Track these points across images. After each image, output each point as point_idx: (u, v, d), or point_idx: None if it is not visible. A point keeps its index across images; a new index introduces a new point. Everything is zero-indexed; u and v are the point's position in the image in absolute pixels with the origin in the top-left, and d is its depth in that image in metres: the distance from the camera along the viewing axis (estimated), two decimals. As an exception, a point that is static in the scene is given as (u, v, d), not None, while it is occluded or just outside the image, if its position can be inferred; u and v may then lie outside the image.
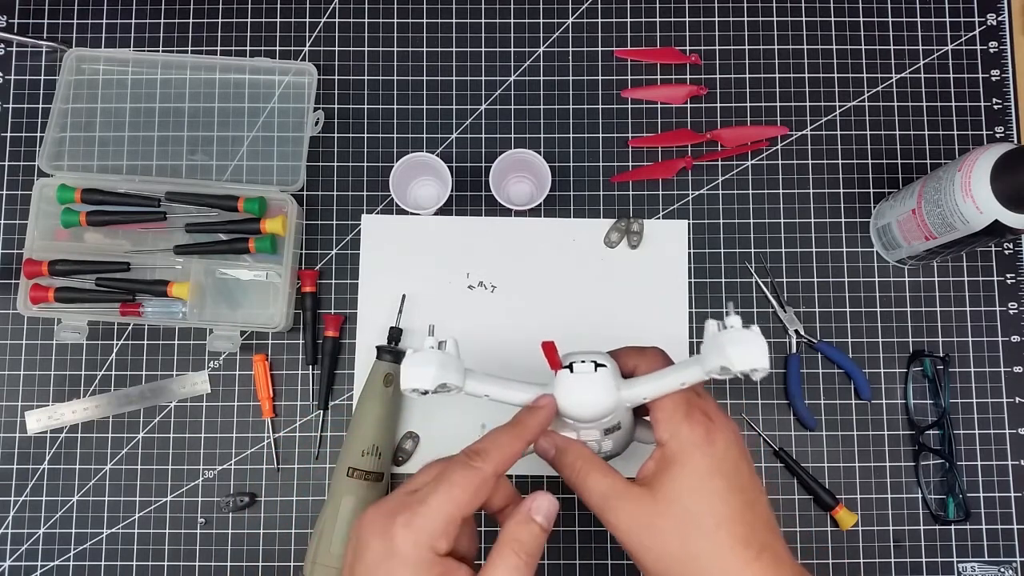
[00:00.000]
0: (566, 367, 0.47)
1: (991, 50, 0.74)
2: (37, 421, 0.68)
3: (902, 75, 0.73)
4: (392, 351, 0.65)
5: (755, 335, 0.44)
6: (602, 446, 0.50)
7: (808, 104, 0.73)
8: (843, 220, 0.71)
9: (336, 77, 0.73)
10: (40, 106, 0.73)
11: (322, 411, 0.68)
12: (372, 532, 0.41)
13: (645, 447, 0.49)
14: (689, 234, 0.71)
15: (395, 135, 0.72)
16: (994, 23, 0.74)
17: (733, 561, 0.42)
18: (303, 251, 0.71)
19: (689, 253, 0.71)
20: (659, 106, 0.73)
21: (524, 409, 0.48)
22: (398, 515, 0.40)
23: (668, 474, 0.44)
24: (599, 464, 0.46)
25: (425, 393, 0.47)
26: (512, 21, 0.74)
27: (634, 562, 0.45)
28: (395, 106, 0.73)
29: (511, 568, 0.41)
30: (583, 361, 0.47)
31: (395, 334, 0.67)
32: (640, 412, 0.51)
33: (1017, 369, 0.69)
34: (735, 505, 0.43)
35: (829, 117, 0.73)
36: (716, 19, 0.74)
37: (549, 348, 0.47)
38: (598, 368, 0.47)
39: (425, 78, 0.73)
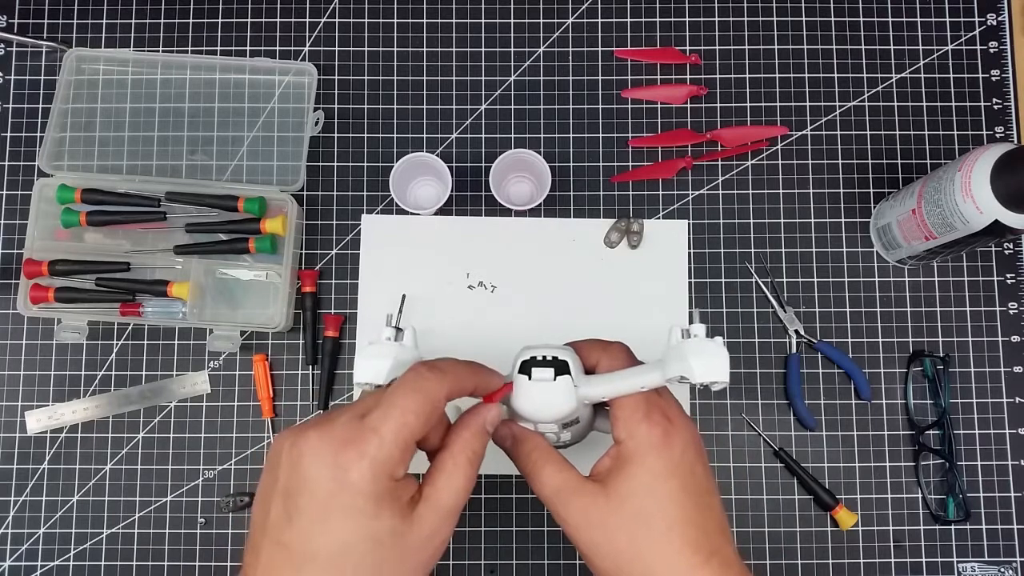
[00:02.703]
0: (524, 370, 0.46)
1: (991, 50, 0.74)
2: (37, 421, 0.68)
3: (902, 75, 0.73)
4: (392, 351, 0.65)
5: (718, 347, 0.43)
6: (560, 437, 0.49)
7: (808, 104, 0.73)
8: (843, 220, 0.71)
9: (336, 77, 0.73)
10: (40, 106, 0.73)
11: (322, 411, 0.68)
12: (320, 462, 0.38)
13: (604, 436, 0.49)
14: (689, 234, 0.71)
15: (395, 135, 0.72)
16: (994, 23, 0.74)
17: (681, 564, 0.42)
18: (303, 251, 0.71)
19: (689, 253, 0.71)
20: (659, 106, 0.73)
21: (485, 367, 0.46)
22: (350, 445, 0.38)
23: (623, 473, 0.44)
24: (555, 457, 0.46)
25: (379, 387, 0.46)
26: (512, 21, 0.74)
27: (584, 559, 0.45)
28: (395, 106, 0.73)
29: (470, 477, 0.42)
30: (543, 359, 0.46)
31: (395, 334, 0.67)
32: (602, 402, 0.51)
33: (1017, 369, 0.69)
34: (688, 508, 0.43)
35: (829, 117, 0.73)
36: (716, 19, 0.74)
37: (492, 397, 0.46)
38: (557, 375, 0.46)
39: (425, 78, 0.73)
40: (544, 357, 0.46)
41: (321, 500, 0.37)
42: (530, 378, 0.46)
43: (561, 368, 0.46)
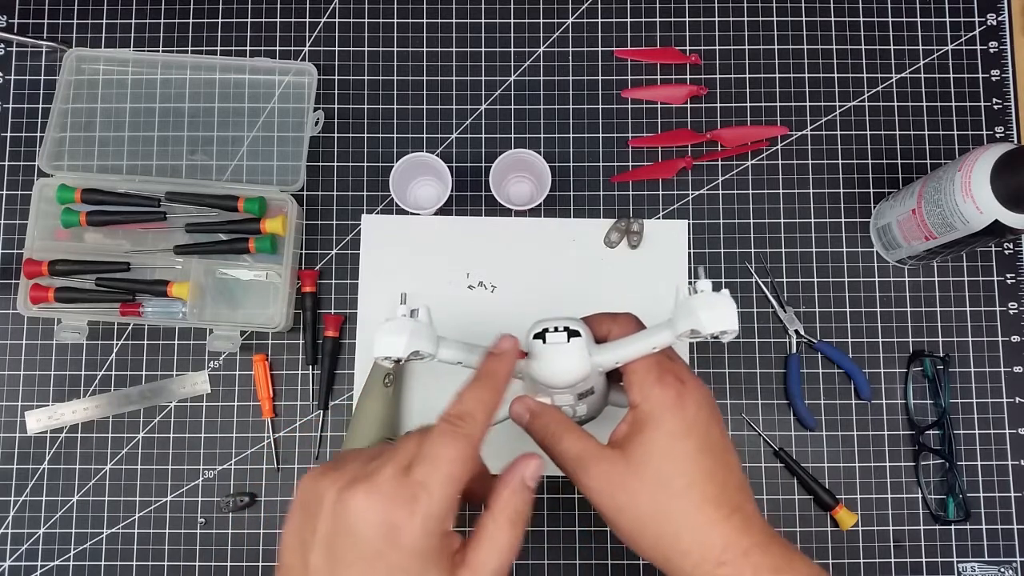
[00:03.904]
0: (538, 335, 0.47)
1: (991, 50, 0.74)
2: (37, 421, 0.68)
3: (902, 75, 0.73)
4: (392, 351, 0.65)
5: (725, 298, 0.45)
6: (576, 411, 0.50)
7: (808, 104, 0.73)
8: (843, 220, 0.71)
9: (336, 77, 0.73)
10: (40, 106, 0.73)
11: (322, 411, 0.68)
12: (369, 520, 0.37)
13: (618, 412, 0.50)
14: (689, 234, 0.71)
15: (395, 135, 0.72)
16: (994, 23, 0.74)
17: (703, 520, 0.43)
18: (303, 251, 0.71)
19: (689, 253, 0.71)
20: (659, 106, 0.73)
21: (488, 357, 0.46)
22: (400, 504, 0.37)
23: (640, 436, 0.45)
24: (572, 427, 0.47)
25: (398, 361, 0.48)
26: (512, 21, 0.74)
27: (609, 524, 0.45)
28: (395, 106, 0.73)
29: (514, 539, 0.40)
30: (555, 329, 0.47)
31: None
32: (614, 377, 0.52)
33: (1017, 369, 0.69)
34: (706, 466, 0.44)
35: (829, 117, 0.73)
36: (716, 19, 0.74)
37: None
38: (571, 338, 0.47)
39: (425, 78, 0.73)
40: (556, 327, 0.47)
41: (369, 557, 0.37)
42: (544, 342, 0.47)
43: (573, 335, 0.47)
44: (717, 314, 0.44)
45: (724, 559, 0.42)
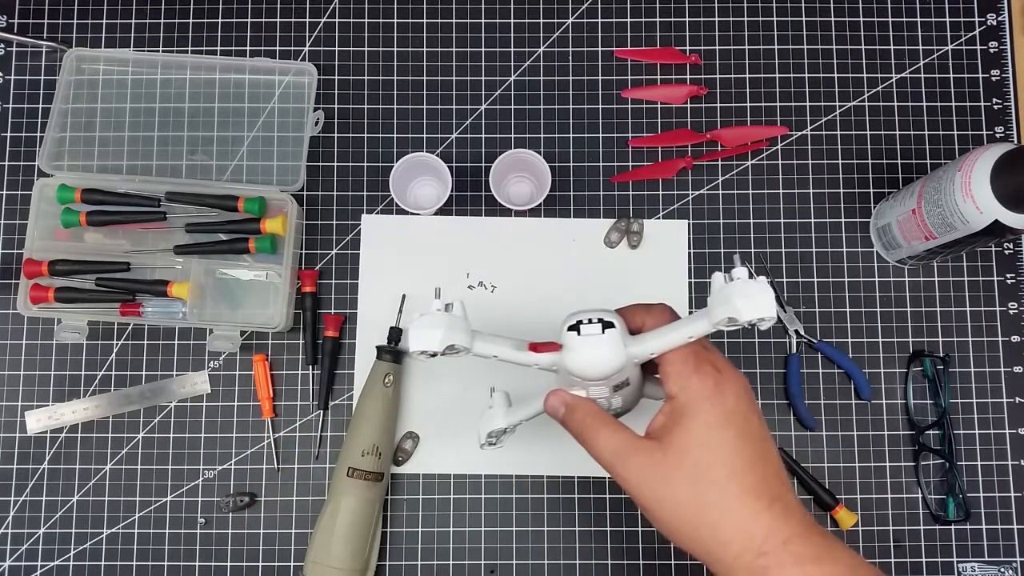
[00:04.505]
0: (573, 328, 0.47)
1: (991, 50, 0.74)
2: (37, 421, 0.68)
3: (902, 75, 0.73)
4: (392, 351, 0.65)
5: (762, 286, 0.44)
6: (612, 403, 0.50)
7: (808, 104, 0.73)
8: (843, 220, 0.71)
9: (336, 77, 0.73)
10: (40, 106, 0.73)
11: (322, 411, 0.68)
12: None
13: (654, 404, 0.49)
14: (689, 234, 0.71)
15: (395, 135, 0.72)
16: (994, 23, 0.74)
17: (744, 511, 0.42)
18: (303, 251, 0.71)
19: (689, 253, 0.71)
20: (659, 106, 0.73)
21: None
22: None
23: (679, 427, 0.44)
24: (609, 420, 0.47)
25: (434, 355, 0.47)
26: (512, 21, 0.74)
27: (647, 516, 0.45)
28: (395, 106, 0.73)
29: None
30: (590, 321, 0.47)
31: (395, 334, 0.67)
32: (649, 369, 0.51)
33: (1017, 369, 0.69)
34: (746, 455, 0.43)
35: (829, 117, 0.73)
36: (716, 19, 0.74)
37: (539, 348, 0.48)
38: (605, 329, 0.46)
39: (425, 78, 0.73)
40: (591, 319, 0.47)
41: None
42: (579, 334, 0.46)
43: (608, 326, 0.47)
44: (754, 302, 0.43)
45: (765, 549, 0.42)
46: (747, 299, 0.43)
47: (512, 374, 0.52)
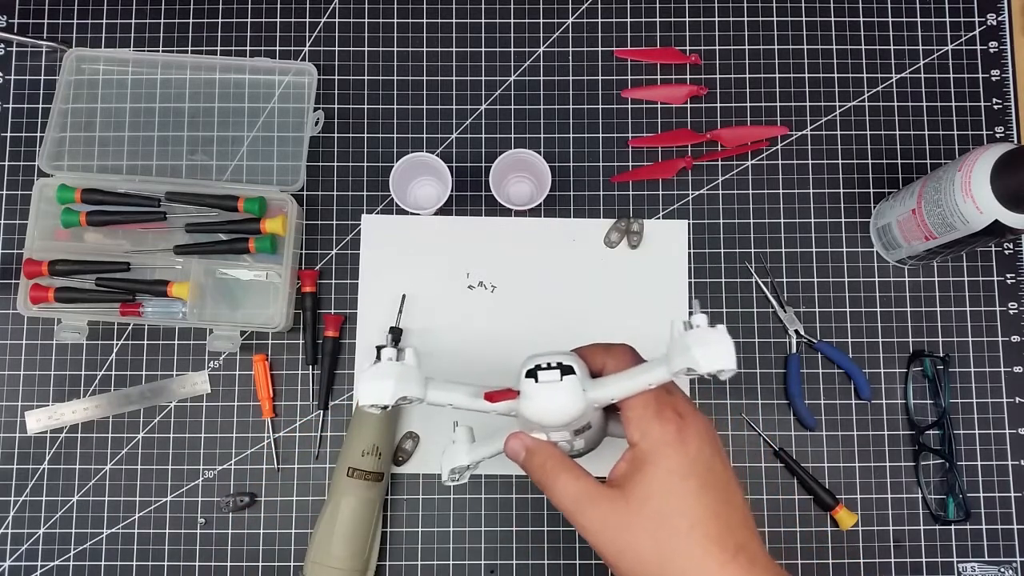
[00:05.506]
0: (531, 374, 0.45)
1: (991, 50, 0.74)
2: (37, 421, 0.68)
3: (902, 75, 0.73)
4: (392, 351, 0.65)
5: (721, 335, 0.42)
6: (574, 445, 0.49)
7: (808, 104, 0.73)
8: (843, 220, 0.71)
9: (336, 77, 0.73)
10: (40, 106, 0.73)
11: (322, 411, 0.68)
12: None
13: (619, 441, 0.48)
14: (689, 234, 0.71)
15: (395, 135, 0.72)
16: (994, 23, 0.74)
17: (708, 562, 0.41)
18: (303, 251, 0.71)
19: (689, 253, 0.71)
20: (659, 106, 0.73)
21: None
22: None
23: (640, 475, 0.43)
24: (570, 466, 0.46)
25: (385, 408, 0.46)
26: (512, 21, 0.74)
27: (608, 566, 0.44)
28: (395, 106, 0.73)
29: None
30: (548, 366, 0.45)
31: (395, 334, 0.67)
32: (612, 407, 0.50)
33: (1017, 369, 0.69)
34: (709, 504, 0.42)
35: (829, 117, 0.73)
36: (716, 19, 0.74)
37: (495, 397, 0.46)
38: (564, 375, 0.45)
39: (425, 78, 0.73)
40: (549, 364, 0.45)
41: None
42: (536, 381, 0.45)
43: (567, 371, 0.45)
44: (713, 351, 0.41)
45: None
46: (705, 348, 0.41)
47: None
